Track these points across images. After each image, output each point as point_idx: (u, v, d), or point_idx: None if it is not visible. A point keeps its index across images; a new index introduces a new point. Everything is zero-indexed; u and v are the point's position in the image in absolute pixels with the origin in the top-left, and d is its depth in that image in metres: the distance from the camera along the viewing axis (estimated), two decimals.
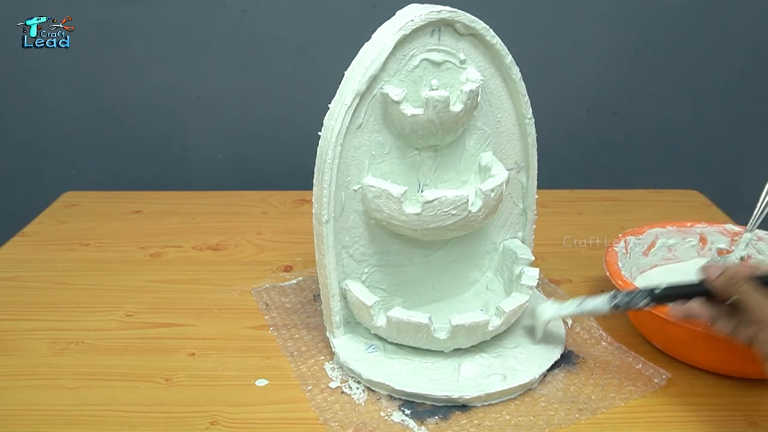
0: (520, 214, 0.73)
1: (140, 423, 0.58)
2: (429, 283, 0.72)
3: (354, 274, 0.66)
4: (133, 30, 1.06)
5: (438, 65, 0.61)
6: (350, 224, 0.64)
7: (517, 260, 0.70)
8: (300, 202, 1.04)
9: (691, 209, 1.01)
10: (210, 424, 0.58)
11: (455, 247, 0.71)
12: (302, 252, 0.88)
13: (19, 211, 1.01)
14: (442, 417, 0.58)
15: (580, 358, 0.66)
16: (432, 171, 0.67)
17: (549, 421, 0.58)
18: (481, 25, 0.61)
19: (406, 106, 0.60)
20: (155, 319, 0.74)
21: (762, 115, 1.15)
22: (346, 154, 0.61)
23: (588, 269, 0.83)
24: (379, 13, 0.60)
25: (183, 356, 0.67)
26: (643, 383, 0.63)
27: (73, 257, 0.87)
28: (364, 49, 0.60)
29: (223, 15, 1.05)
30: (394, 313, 0.62)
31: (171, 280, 0.82)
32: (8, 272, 0.83)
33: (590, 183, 1.13)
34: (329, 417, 0.58)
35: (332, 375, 0.64)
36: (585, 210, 1.02)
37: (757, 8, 1.07)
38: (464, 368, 0.63)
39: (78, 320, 0.73)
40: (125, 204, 1.03)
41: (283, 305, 0.76)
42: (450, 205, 0.60)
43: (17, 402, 0.61)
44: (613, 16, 1.07)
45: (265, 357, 0.67)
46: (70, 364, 0.66)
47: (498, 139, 0.68)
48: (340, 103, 0.60)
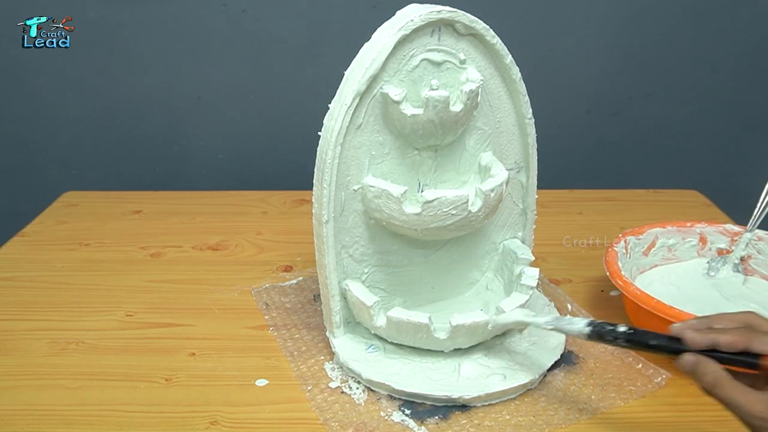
0: (520, 214, 0.73)
1: (140, 423, 0.58)
2: (429, 283, 0.72)
3: (354, 274, 0.66)
4: (133, 30, 1.06)
5: (438, 65, 0.61)
6: (350, 224, 0.64)
7: (517, 260, 0.70)
8: (300, 202, 1.04)
9: (691, 209, 1.01)
10: (210, 424, 0.58)
11: (455, 247, 0.71)
12: (302, 252, 0.88)
13: (19, 211, 1.01)
14: (442, 417, 0.58)
15: (580, 358, 0.66)
16: (432, 171, 0.67)
17: (549, 421, 0.58)
18: (481, 25, 0.61)
19: (406, 106, 0.60)
20: (155, 319, 0.74)
21: (762, 115, 1.15)
22: (346, 154, 0.61)
23: (588, 269, 0.83)
24: (379, 13, 0.60)
25: (183, 356, 0.67)
26: (643, 383, 0.63)
27: (73, 257, 0.87)
28: (364, 49, 0.60)
29: (223, 15, 1.05)
30: (394, 313, 0.62)
31: (171, 280, 0.82)
32: (8, 272, 0.83)
33: (590, 183, 1.13)
34: (329, 417, 0.58)
35: (332, 375, 0.64)
36: (585, 210, 1.02)
37: (757, 8, 1.07)
38: (464, 368, 0.63)
39: (78, 320, 0.73)
40: (125, 204, 1.03)
41: (283, 305, 0.76)
42: (450, 205, 0.60)
43: (17, 402, 0.61)
44: (613, 16, 1.07)
45: (265, 357, 0.67)
46: (70, 364, 0.66)
47: (498, 139, 0.68)
48: (340, 103, 0.60)
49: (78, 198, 1.05)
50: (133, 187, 1.11)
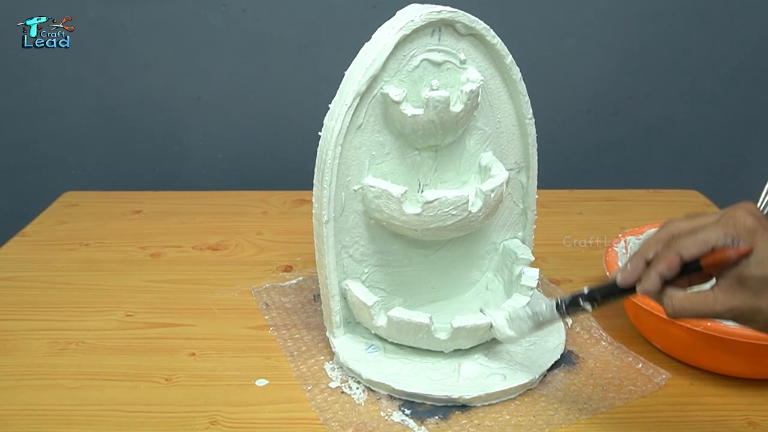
0: (520, 214, 0.73)
1: (140, 423, 0.58)
2: (429, 283, 0.72)
3: (354, 274, 0.66)
4: (133, 30, 1.06)
5: (438, 65, 0.61)
6: (350, 224, 0.64)
7: (517, 260, 0.70)
8: (300, 202, 1.04)
9: (691, 209, 1.01)
10: (210, 424, 0.58)
11: (455, 248, 0.71)
12: (302, 252, 0.88)
13: (19, 211, 1.01)
14: (442, 417, 0.58)
15: (580, 358, 0.66)
16: (432, 171, 0.67)
17: (549, 421, 0.58)
18: (482, 26, 0.61)
19: (407, 106, 0.60)
20: (155, 319, 0.74)
21: (762, 115, 1.15)
22: (346, 154, 0.61)
23: (588, 269, 0.83)
24: (379, 13, 0.60)
25: (183, 356, 0.67)
26: (643, 383, 0.63)
27: (73, 257, 0.87)
28: (364, 49, 0.60)
29: (223, 15, 1.05)
30: (395, 313, 0.62)
31: (171, 280, 0.82)
32: (8, 272, 0.83)
33: (590, 183, 1.13)
34: (329, 417, 0.58)
35: (332, 375, 0.64)
36: (585, 210, 1.02)
37: (757, 8, 1.07)
38: (464, 368, 0.63)
39: (78, 320, 0.73)
40: (125, 204, 1.03)
41: (283, 305, 0.76)
42: (450, 205, 0.60)
43: (17, 402, 0.61)
44: (614, 16, 1.07)
45: (265, 357, 0.67)
46: (70, 364, 0.66)
47: (498, 139, 0.68)
48: (340, 103, 0.60)
49: (78, 198, 1.05)
50: (133, 187, 1.11)
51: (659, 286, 0.47)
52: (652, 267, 0.47)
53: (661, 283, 0.47)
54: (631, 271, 0.49)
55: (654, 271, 0.47)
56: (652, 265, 0.48)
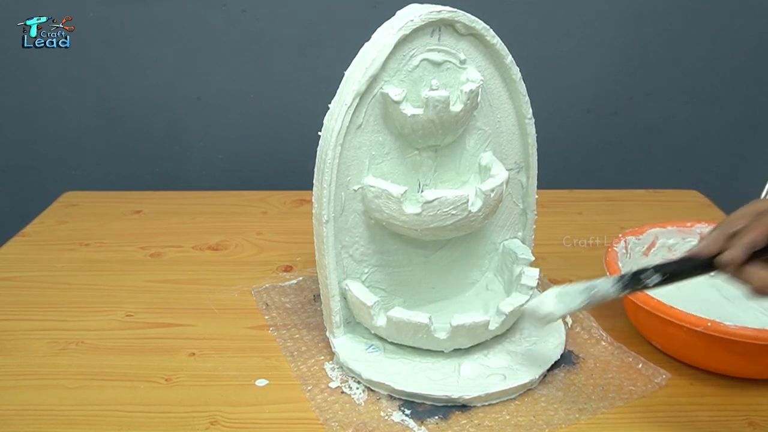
0: (520, 214, 0.73)
1: (140, 423, 0.58)
2: (429, 283, 0.72)
3: (354, 274, 0.66)
4: (133, 30, 1.06)
5: (438, 65, 0.61)
6: (350, 224, 0.64)
7: (517, 260, 0.70)
8: (300, 202, 1.04)
9: (691, 209, 1.01)
10: (210, 424, 0.58)
11: (455, 247, 0.71)
12: (302, 252, 0.88)
13: (19, 211, 1.01)
14: (442, 417, 0.58)
15: (580, 358, 0.66)
16: (432, 171, 0.67)
17: (549, 421, 0.58)
18: (481, 25, 0.61)
19: (406, 106, 0.60)
20: (155, 319, 0.74)
21: (762, 115, 1.15)
22: (346, 154, 0.61)
23: (588, 269, 0.82)
24: (379, 13, 0.60)
25: (183, 356, 0.67)
26: (643, 383, 0.63)
27: (73, 257, 0.87)
28: (364, 49, 0.60)
29: (223, 15, 1.05)
30: (394, 313, 0.62)
31: (171, 280, 0.82)
32: (8, 272, 0.83)
33: (590, 183, 1.13)
34: (329, 417, 0.58)
35: (332, 375, 0.64)
36: (585, 210, 1.02)
37: (757, 8, 1.07)
38: (464, 368, 0.63)
39: (78, 320, 0.73)
40: (125, 204, 1.03)
41: (283, 305, 0.76)
42: (450, 205, 0.60)
43: (17, 402, 0.61)
44: (613, 16, 1.07)
45: (265, 357, 0.67)
46: (70, 364, 0.66)
47: (498, 139, 0.68)
48: (340, 103, 0.60)
49: (78, 198, 1.05)
50: (133, 187, 1.11)
51: (745, 257, 0.47)
52: (741, 236, 0.48)
53: (748, 253, 0.47)
54: (712, 242, 0.49)
55: (744, 239, 0.47)
56: (740, 235, 0.48)
